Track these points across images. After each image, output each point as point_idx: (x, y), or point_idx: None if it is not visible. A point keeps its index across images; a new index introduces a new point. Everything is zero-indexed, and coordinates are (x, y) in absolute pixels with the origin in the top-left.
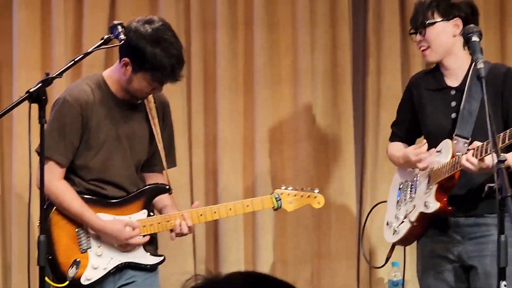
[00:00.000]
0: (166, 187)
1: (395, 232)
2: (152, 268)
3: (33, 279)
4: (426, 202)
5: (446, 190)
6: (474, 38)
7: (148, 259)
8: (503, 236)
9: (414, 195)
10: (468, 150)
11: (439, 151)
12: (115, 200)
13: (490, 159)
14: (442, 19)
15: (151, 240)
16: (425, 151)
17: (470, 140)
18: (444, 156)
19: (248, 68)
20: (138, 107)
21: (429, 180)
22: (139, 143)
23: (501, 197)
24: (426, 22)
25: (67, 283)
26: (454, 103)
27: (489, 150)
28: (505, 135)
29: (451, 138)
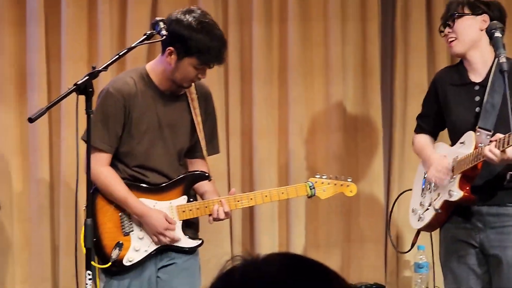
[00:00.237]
0: (206, 175)
1: (420, 218)
2: (191, 250)
3: (79, 260)
4: (450, 191)
5: (469, 179)
6: (497, 34)
7: (187, 242)
8: None
9: (438, 185)
10: (491, 141)
11: (462, 143)
12: (157, 186)
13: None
14: (471, 13)
15: (190, 224)
16: (445, 177)
17: (493, 132)
18: (467, 148)
19: (282, 61)
20: (180, 98)
21: (452, 170)
22: (180, 132)
23: None
24: (456, 14)
25: (110, 264)
26: (478, 98)
27: (510, 141)
28: None
29: (474, 130)
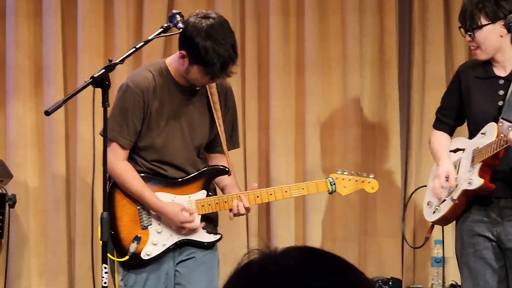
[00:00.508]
0: (225, 169)
1: (436, 210)
2: (210, 245)
3: (95, 253)
4: (470, 180)
5: (489, 167)
6: None
7: (205, 236)
8: None
9: (456, 176)
10: None
11: (483, 133)
12: (176, 180)
13: None
14: (488, 22)
15: (209, 219)
16: (451, 185)
17: None
18: (488, 138)
19: (299, 54)
20: (200, 93)
21: (472, 160)
22: (199, 127)
23: None
24: (474, 27)
25: (127, 257)
26: (502, 92)
27: None
28: None
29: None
